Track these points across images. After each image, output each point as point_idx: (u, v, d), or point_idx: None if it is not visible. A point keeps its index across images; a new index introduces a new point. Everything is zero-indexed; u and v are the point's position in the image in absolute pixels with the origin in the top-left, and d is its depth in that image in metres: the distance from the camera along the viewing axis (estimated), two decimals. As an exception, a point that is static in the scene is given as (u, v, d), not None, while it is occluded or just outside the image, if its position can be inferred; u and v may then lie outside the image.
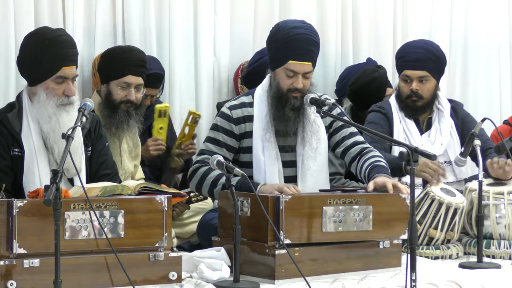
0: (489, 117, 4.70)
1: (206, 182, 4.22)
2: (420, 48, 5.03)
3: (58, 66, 3.94)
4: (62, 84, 3.97)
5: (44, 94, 3.95)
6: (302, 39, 4.23)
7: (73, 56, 4.01)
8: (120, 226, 3.55)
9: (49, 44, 3.94)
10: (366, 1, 6.27)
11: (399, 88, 5.06)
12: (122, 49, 4.84)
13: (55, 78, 3.95)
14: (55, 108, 3.95)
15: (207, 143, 4.34)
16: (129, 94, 4.67)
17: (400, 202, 4.07)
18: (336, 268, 3.93)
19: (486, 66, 6.74)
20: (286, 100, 4.27)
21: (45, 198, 3.12)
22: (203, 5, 5.59)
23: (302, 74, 4.24)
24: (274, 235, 3.76)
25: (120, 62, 4.69)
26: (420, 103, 4.98)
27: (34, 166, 3.94)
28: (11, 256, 3.37)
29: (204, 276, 3.70)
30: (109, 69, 4.70)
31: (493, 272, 4.10)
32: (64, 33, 4.08)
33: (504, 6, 6.80)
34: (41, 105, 3.96)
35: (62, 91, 3.96)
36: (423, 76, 4.96)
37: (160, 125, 5.07)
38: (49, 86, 3.96)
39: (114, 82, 4.67)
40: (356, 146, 4.40)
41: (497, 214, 4.60)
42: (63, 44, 3.97)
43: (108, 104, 4.67)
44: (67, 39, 4.02)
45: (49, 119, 3.95)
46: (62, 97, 3.97)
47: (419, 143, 4.90)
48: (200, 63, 5.60)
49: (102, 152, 4.21)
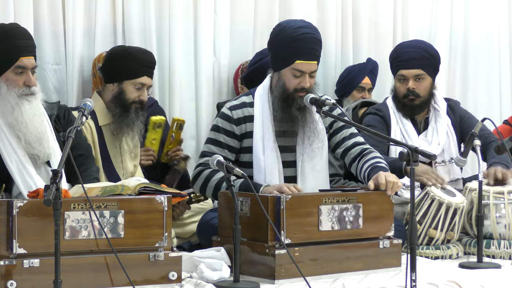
0: (489, 117, 4.70)
1: (210, 185, 4.22)
2: (414, 47, 5.06)
3: (16, 57, 3.99)
4: (22, 75, 4.02)
5: (5, 86, 4.00)
6: (307, 39, 4.24)
7: (30, 47, 4.06)
8: (120, 226, 3.55)
9: (5, 36, 4.01)
10: (366, 1, 6.28)
11: (395, 89, 5.07)
12: (138, 50, 4.84)
13: (14, 68, 4.00)
14: (17, 98, 4.00)
15: (208, 145, 4.33)
16: (142, 94, 4.73)
17: (385, 199, 4.09)
18: (336, 268, 3.93)
19: (486, 66, 6.74)
20: (292, 100, 4.26)
21: (45, 198, 3.12)
22: (203, 5, 5.59)
23: (309, 73, 4.25)
24: (274, 235, 3.76)
25: (138, 63, 4.71)
26: (417, 102, 4.98)
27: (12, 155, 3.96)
28: (11, 256, 3.37)
29: (204, 276, 3.70)
30: (126, 68, 4.70)
31: (493, 272, 4.10)
32: (19, 26, 4.15)
33: (504, 6, 6.81)
34: (3, 97, 4.00)
35: (22, 81, 4.02)
36: (419, 74, 4.97)
37: (154, 137, 5.09)
38: (9, 78, 4.01)
39: (129, 82, 4.69)
40: (357, 147, 4.40)
41: (497, 214, 4.60)
42: (18, 35, 4.04)
43: (120, 103, 4.69)
44: (22, 31, 4.09)
45: (12, 109, 3.99)
46: (23, 87, 4.02)
47: (417, 144, 4.90)
48: (200, 63, 5.60)
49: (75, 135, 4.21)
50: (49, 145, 4.04)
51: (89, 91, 5.12)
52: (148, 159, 5.07)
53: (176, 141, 5.20)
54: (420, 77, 4.98)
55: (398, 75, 5.03)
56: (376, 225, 4.07)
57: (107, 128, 4.72)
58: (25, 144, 3.99)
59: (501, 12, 6.80)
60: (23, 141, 3.99)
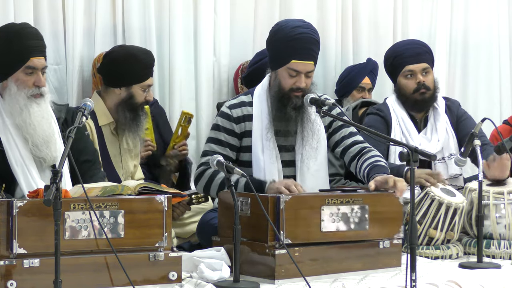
0: (489, 117, 4.70)
1: (214, 184, 4.21)
2: (414, 43, 5.17)
3: (26, 57, 3.96)
4: (32, 75, 3.98)
5: (15, 87, 3.97)
6: (304, 39, 4.23)
7: (41, 47, 4.03)
8: (120, 226, 3.55)
9: (16, 36, 3.97)
10: (366, 1, 6.28)
11: (400, 87, 5.06)
12: (141, 51, 4.83)
13: (24, 68, 3.97)
14: (26, 99, 3.96)
15: (209, 144, 4.33)
16: (148, 95, 4.78)
17: (394, 201, 4.08)
18: (336, 268, 3.93)
19: (486, 65, 6.75)
20: (288, 100, 4.27)
21: (45, 198, 3.12)
22: (203, 5, 5.59)
23: (304, 73, 4.25)
24: (274, 235, 3.76)
25: (144, 66, 4.74)
26: (428, 95, 5.03)
27: (18, 157, 3.94)
28: (11, 256, 3.37)
29: (204, 276, 3.70)
30: (135, 73, 4.71)
31: (493, 272, 4.10)
32: (30, 26, 4.12)
33: (504, 6, 6.81)
34: (12, 98, 3.97)
35: (32, 82, 3.98)
36: (425, 68, 5.04)
37: (145, 126, 5.09)
38: (19, 78, 3.97)
39: (138, 86, 4.72)
40: (356, 146, 4.41)
41: (497, 214, 4.60)
42: (29, 35, 4.01)
43: (130, 107, 4.71)
44: (33, 31, 4.06)
45: (20, 111, 3.96)
46: (33, 88, 3.98)
47: (417, 142, 4.92)
48: (200, 63, 5.60)
49: (81, 140, 4.20)
50: (56, 148, 3.99)
51: (89, 91, 5.12)
52: (147, 149, 5.06)
53: (183, 135, 5.19)
54: (426, 71, 5.04)
55: (405, 71, 5.03)
56: (383, 228, 4.05)
57: (107, 128, 4.73)
58: (32, 147, 3.96)
59: (501, 12, 6.80)
60: (30, 143, 3.96)
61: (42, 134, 3.96)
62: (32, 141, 3.95)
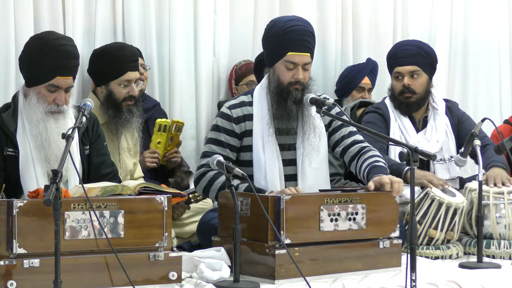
0: (489, 117, 4.70)
1: (214, 187, 4.21)
2: (410, 45, 5.13)
3: (52, 75, 3.92)
4: (54, 93, 3.95)
5: (35, 98, 3.94)
6: (298, 30, 4.25)
7: (71, 67, 3.98)
8: (120, 226, 3.55)
9: (49, 51, 3.92)
10: (366, 1, 6.28)
11: (392, 87, 5.08)
12: (115, 47, 4.83)
13: (47, 85, 3.94)
14: (43, 114, 3.94)
15: (210, 145, 4.33)
16: (131, 90, 4.71)
17: (390, 200, 4.08)
18: (336, 268, 3.93)
19: (486, 66, 6.75)
20: (287, 94, 4.27)
21: (45, 198, 3.12)
22: (203, 5, 5.59)
23: (301, 65, 4.25)
24: (274, 235, 3.76)
25: (118, 61, 4.70)
26: (413, 99, 5.00)
27: (30, 165, 3.93)
28: (11, 256, 3.37)
29: (204, 276, 3.70)
30: (107, 70, 4.70)
31: (493, 272, 4.10)
32: (68, 43, 4.03)
33: (504, 6, 6.81)
34: (32, 107, 3.95)
35: (52, 98, 3.95)
36: (414, 70, 5.00)
37: (159, 140, 5.12)
38: (40, 92, 3.95)
39: (115, 82, 4.69)
40: (356, 145, 4.41)
41: (497, 214, 4.60)
42: (63, 54, 3.94)
43: (111, 104, 4.69)
44: (68, 49, 3.98)
45: (37, 123, 3.94)
46: (52, 104, 3.95)
47: (416, 141, 4.92)
48: (200, 63, 5.60)
49: (101, 151, 4.21)
50: (68, 167, 3.91)
51: (89, 91, 5.12)
52: (153, 161, 5.09)
53: (174, 143, 5.20)
54: (415, 73, 5.00)
55: (394, 73, 5.06)
56: (380, 226, 4.06)
57: (104, 127, 4.72)
58: (45, 160, 3.92)
59: (501, 13, 6.80)
60: (43, 155, 3.93)
61: (56, 151, 3.92)
62: (46, 155, 3.93)
